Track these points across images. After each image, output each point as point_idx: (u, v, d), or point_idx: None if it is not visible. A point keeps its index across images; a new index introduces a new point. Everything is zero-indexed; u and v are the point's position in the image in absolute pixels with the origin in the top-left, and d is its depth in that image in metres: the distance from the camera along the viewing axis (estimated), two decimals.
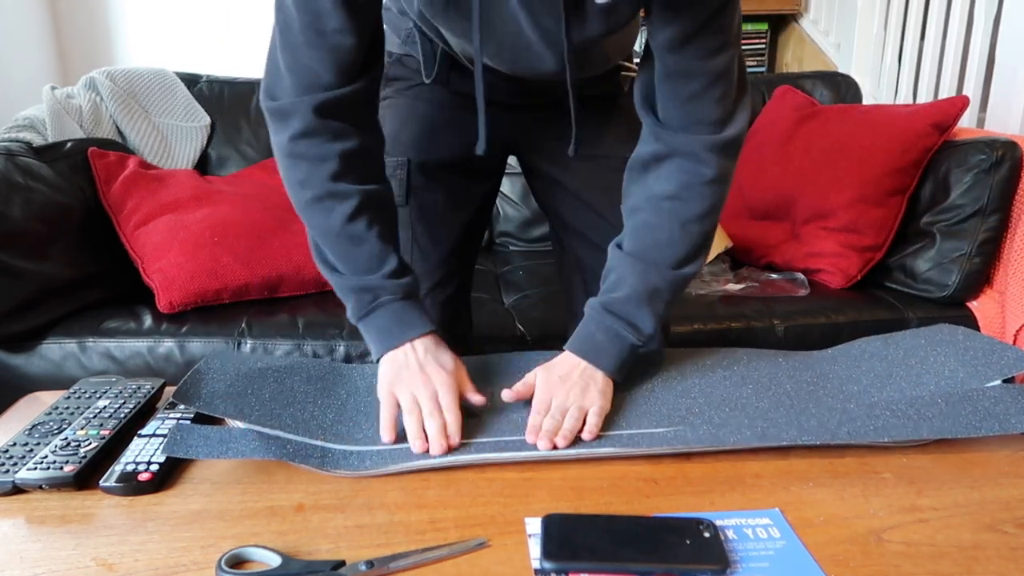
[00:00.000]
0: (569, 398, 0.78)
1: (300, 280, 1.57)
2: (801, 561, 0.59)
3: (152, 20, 2.65)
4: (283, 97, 0.81)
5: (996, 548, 0.61)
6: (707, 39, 0.77)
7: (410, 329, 0.82)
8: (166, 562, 0.59)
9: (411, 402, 0.77)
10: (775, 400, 0.83)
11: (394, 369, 0.81)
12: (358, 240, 0.83)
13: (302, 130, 0.80)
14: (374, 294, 0.83)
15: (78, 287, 1.47)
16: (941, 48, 2.14)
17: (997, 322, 1.51)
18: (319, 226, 0.84)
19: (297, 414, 0.78)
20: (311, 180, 0.82)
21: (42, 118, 1.75)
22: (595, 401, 0.79)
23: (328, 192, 0.82)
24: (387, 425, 0.76)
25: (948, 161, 1.56)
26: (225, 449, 0.70)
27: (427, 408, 0.76)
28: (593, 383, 0.81)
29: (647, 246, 0.86)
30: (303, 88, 0.80)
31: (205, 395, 0.77)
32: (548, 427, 0.75)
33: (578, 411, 0.77)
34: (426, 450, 0.73)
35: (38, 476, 0.68)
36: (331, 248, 0.84)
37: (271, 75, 0.82)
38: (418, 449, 0.73)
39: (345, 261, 0.84)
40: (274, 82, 0.82)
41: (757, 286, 1.64)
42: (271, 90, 0.82)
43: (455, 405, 0.77)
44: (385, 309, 0.83)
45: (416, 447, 0.73)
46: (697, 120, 0.82)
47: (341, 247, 0.84)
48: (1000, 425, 0.75)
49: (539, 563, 0.58)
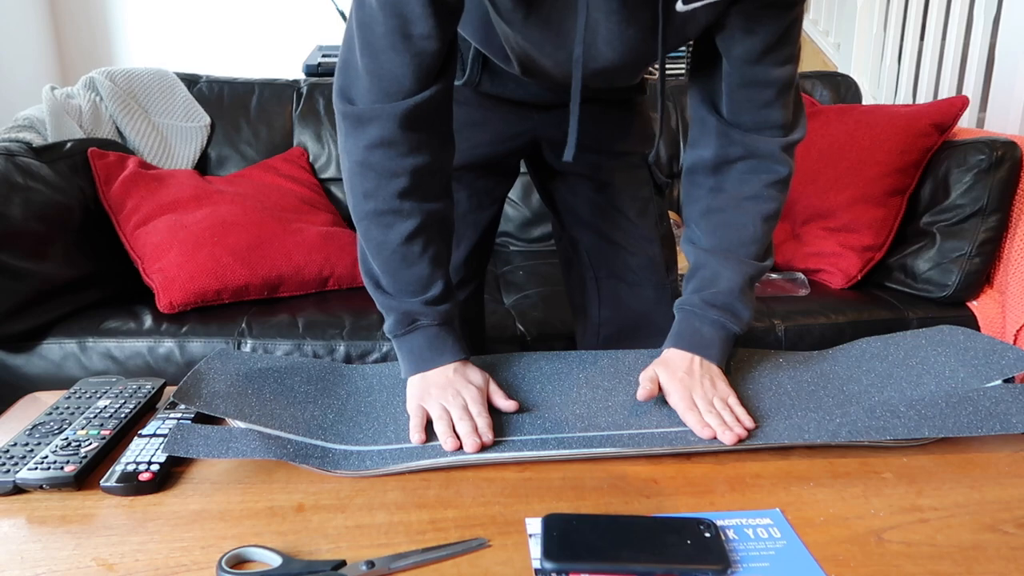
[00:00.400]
0: (707, 391, 0.81)
1: (300, 280, 1.57)
2: (801, 561, 0.59)
3: (152, 20, 2.65)
4: (361, 102, 0.79)
5: (996, 548, 0.61)
6: (782, 49, 0.82)
7: (442, 356, 0.84)
8: (166, 562, 0.59)
9: (440, 410, 0.78)
10: (776, 401, 0.83)
11: (423, 385, 0.82)
12: (410, 261, 0.83)
13: (379, 139, 0.79)
14: (412, 318, 0.84)
15: (78, 287, 1.47)
16: (941, 48, 2.14)
17: (997, 322, 1.51)
18: (375, 239, 0.83)
19: (298, 414, 0.78)
20: (377, 193, 0.81)
21: (42, 118, 1.75)
22: (728, 392, 0.83)
23: (392, 209, 0.81)
24: (417, 427, 0.76)
25: (948, 161, 1.56)
26: (226, 449, 0.70)
27: (457, 414, 0.77)
28: (715, 375, 0.85)
29: (734, 243, 0.90)
30: (384, 94, 0.77)
31: (205, 395, 0.77)
32: (716, 422, 0.76)
33: (722, 403, 0.80)
34: (458, 448, 0.73)
35: (38, 476, 0.68)
36: (382, 263, 0.84)
37: (347, 76, 0.79)
38: (450, 447, 0.73)
39: (393, 278, 0.84)
40: (351, 84, 0.79)
41: (757, 286, 1.63)
42: (347, 92, 0.80)
43: (485, 410, 0.78)
44: (420, 334, 0.84)
45: (448, 445, 0.73)
46: (772, 124, 0.87)
47: (392, 265, 0.83)
48: (1001, 424, 0.75)
49: (539, 563, 0.58)
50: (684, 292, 0.92)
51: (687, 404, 0.80)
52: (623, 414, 0.80)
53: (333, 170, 2.01)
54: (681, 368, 0.84)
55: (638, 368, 0.87)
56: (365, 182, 0.81)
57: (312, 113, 2.01)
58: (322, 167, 2.00)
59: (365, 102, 0.78)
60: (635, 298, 1.12)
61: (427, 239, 0.83)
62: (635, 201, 1.09)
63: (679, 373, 0.83)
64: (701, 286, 0.90)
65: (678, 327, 0.89)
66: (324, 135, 2.01)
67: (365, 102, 0.78)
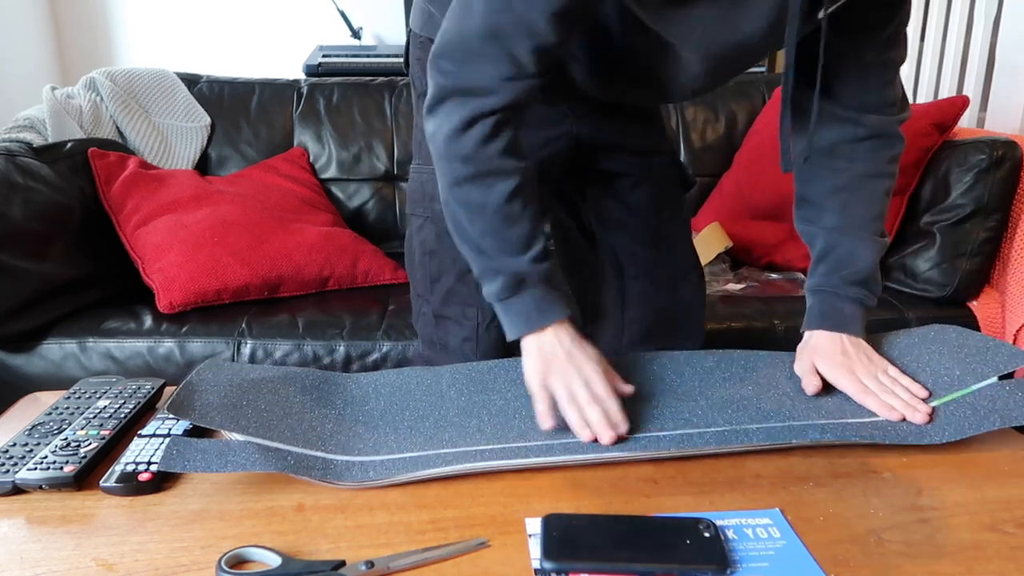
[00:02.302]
0: (868, 367, 0.84)
1: (300, 280, 1.57)
2: (801, 561, 0.59)
3: (152, 20, 2.65)
4: (481, 79, 0.79)
5: (996, 548, 0.61)
6: (901, 30, 0.87)
7: (550, 314, 0.83)
8: (166, 562, 0.59)
9: (567, 395, 0.77)
10: (776, 401, 0.83)
11: (543, 360, 0.81)
12: (513, 219, 0.83)
13: (489, 109, 0.79)
14: (519, 278, 0.83)
15: (78, 287, 1.47)
16: (941, 48, 2.14)
17: (997, 322, 1.51)
18: (475, 202, 0.83)
19: (295, 425, 0.77)
20: (478, 156, 0.81)
21: (42, 118, 1.75)
22: (884, 362, 0.86)
23: (492, 168, 0.81)
24: (546, 414, 0.77)
25: (948, 161, 1.56)
26: (224, 463, 0.69)
27: (584, 397, 0.77)
28: (866, 349, 0.87)
29: (862, 221, 0.91)
30: (506, 75, 0.78)
31: (200, 407, 0.76)
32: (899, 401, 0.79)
33: (887, 376, 0.83)
34: (593, 439, 0.74)
35: (38, 476, 0.68)
36: (484, 225, 0.83)
37: (465, 49, 0.79)
38: (586, 438, 0.74)
39: (496, 239, 0.83)
40: (470, 58, 0.79)
41: (757, 286, 1.64)
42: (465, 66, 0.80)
43: (612, 394, 0.78)
44: (528, 293, 0.83)
45: (584, 436, 0.74)
46: (891, 102, 0.90)
47: (496, 225, 0.83)
48: (1002, 419, 0.75)
49: (539, 563, 0.58)
50: (813, 274, 0.93)
51: (859, 387, 0.82)
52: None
53: (333, 170, 2.01)
54: (836, 351, 0.86)
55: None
56: (463, 147, 0.81)
57: (312, 113, 2.01)
58: (322, 167, 2.00)
59: (485, 80, 0.79)
60: (664, 298, 1.12)
61: (526, 197, 0.83)
62: (667, 201, 1.09)
63: (836, 357, 0.85)
64: (837, 266, 0.91)
65: (819, 309, 0.91)
66: (324, 135, 2.01)
67: (485, 80, 0.79)
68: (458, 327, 1.07)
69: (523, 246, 0.83)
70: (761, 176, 1.86)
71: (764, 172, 1.85)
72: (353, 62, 2.33)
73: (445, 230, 0.90)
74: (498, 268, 0.84)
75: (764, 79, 2.13)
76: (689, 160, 2.05)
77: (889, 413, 0.79)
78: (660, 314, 1.12)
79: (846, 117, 0.90)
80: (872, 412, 0.80)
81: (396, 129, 2.01)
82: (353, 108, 2.02)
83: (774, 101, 2.01)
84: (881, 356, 0.87)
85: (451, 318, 1.07)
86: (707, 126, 2.06)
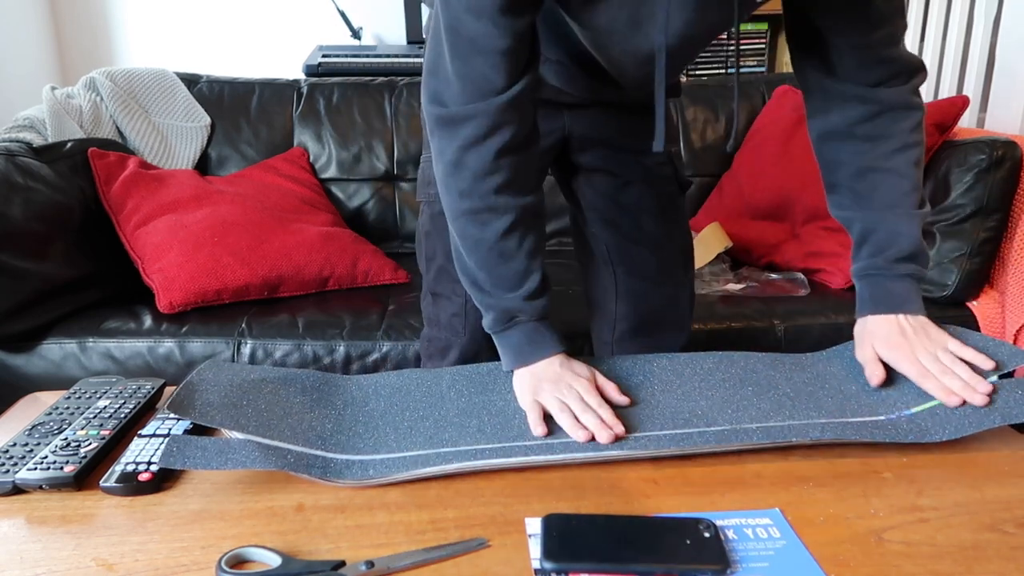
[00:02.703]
0: (928, 347, 0.82)
1: (300, 280, 1.57)
2: (801, 561, 0.59)
3: (152, 20, 2.65)
4: (453, 104, 0.80)
5: (996, 548, 0.61)
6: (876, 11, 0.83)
7: (541, 350, 0.84)
8: (166, 562, 0.59)
9: (559, 404, 0.78)
10: (776, 402, 0.83)
11: (533, 380, 0.82)
12: (506, 257, 0.84)
13: (473, 139, 0.79)
14: (511, 315, 0.85)
15: (78, 287, 1.47)
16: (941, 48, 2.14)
17: (997, 322, 1.51)
18: (471, 237, 0.84)
19: (295, 424, 0.77)
20: (473, 192, 0.82)
21: (42, 118, 1.75)
22: (945, 337, 0.84)
23: (488, 206, 0.82)
24: (538, 422, 0.77)
25: (948, 161, 1.56)
26: (224, 460, 0.69)
27: (578, 407, 0.77)
28: (925, 325, 0.85)
29: (898, 196, 0.89)
30: (477, 94, 0.78)
31: (200, 406, 0.76)
32: (957, 382, 0.78)
33: (948, 355, 0.81)
34: (591, 439, 0.74)
35: (38, 476, 0.68)
36: (478, 260, 0.85)
37: (438, 80, 0.80)
38: (582, 438, 0.74)
39: (490, 275, 0.85)
40: (442, 88, 0.80)
41: (757, 286, 1.64)
42: (439, 96, 0.80)
43: (603, 401, 0.78)
44: (519, 329, 0.85)
45: (580, 436, 0.74)
46: (897, 72, 0.87)
47: (490, 262, 0.84)
48: (1002, 416, 0.75)
49: (539, 563, 0.58)
50: (857, 259, 0.92)
51: (920, 370, 0.81)
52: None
53: (333, 170, 2.01)
54: (894, 333, 0.85)
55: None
56: (460, 182, 0.82)
57: (312, 113, 2.01)
58: (322, 167, 2.00)
59: (458, 103, 0.79)
60: (654, 295, 1.13)
61: (522, 233, 0.84)
62: (659, 199, 1.09)
63: (894, 339, 0.84)
64: (880, 248, 0.89)
65: (869, 293, 0.90)
66: (324, 135, 2.01)
67: (458, 103, 0.79)
68: (448, 303, 1.10)
69: (516, 283, 0.85)
70: (761, 176, 1.86)
71: (764, 172, 1.85)
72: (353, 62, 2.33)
73: (439, 212, 0.91)
74: (491, 303, 0.86)
75: (764, 79, 2.13)
76: (689, 160, 2.05)
77: (948, 398, 0.78)
78: (648, 310, 1.14)
79: (855, 95, 0.88)
80: (872, 412, 0.80)
81: (396, 129, 2.01)
82: (353, 108, 2.02)
83: (774, 101, 2.01)
84: (943, 331, 0.85)
85: (443, 295, 1.11)
86: (707, 126, 2.06)
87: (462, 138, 0.80)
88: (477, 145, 0.80)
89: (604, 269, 1.14)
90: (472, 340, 1.11)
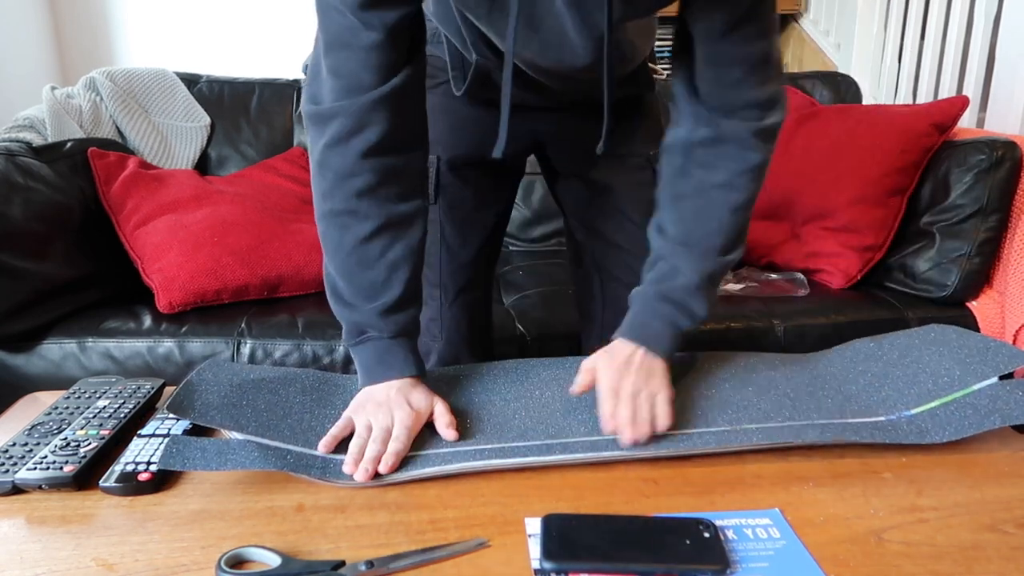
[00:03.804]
0: (637, 384, 0.79)
1: (300, 280, 1.57)
2: (801, 561, 0.59)
3: (152, 20, 2.65)
4: (324, 102, 0.78)
5: (996, 548, 0.61)
6: (749, 24, 0.78)
7: (389, 370, 0.80)
8: (166, 562, 0.59)
9: (364, 427, 0.75)
10: (776, 402, 0.83)
11: (363, 400, 0.79)
12: (365, 265, 0.81)
13: (337, 137, 0.77)
14: (361, 329, 0.82)
15: (78, 287, 1.47)
16: (941, 48, 2.14)
17: (997, 322, 1.51)
18: (332, 240, 0.81)
19: (295, 424, 0.77)
20: (334, 193, 0.79)
21: (42, 118, 1.75)
22: (661, 388, 0.79)
23: (348, 209, 0.79)
24: (332, 438, 0.74)
25: (948, 161, 1.56)
26: (224, 461, 0.69)
27: (375, 435, 0.73)
28: (655, 369, 0.81)
29: (698, 234, 0.86)
30: (345, 91, 0.77)
31: (199, 406, 0.76)
32: (624, 415, 0.75)
33: (648, 398, 0.77)
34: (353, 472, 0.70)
35: (38, 476, 0.68)
36: (338, 266, 0.82)
37: (314, 79, 0.79)
38: (347, 471, 0.70)
39: (347, 282, 0.82)
40: (317, 86, 0.78)
41: (757, 286, 1.64)
42: (314, 95, 0.79)
43: (405, 437, 0.74)
44: (369, 346, 0.81)
45: (347, 468, 0.70)
46: (743, 105, 0.83)
47: (348, 267, 0.81)
48: (1002, 418, 0.75)
49: (539, 563, 0.58)
50: (642, 280, 0.89)
51: (607, 394, 0.78)
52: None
53: None
54: (621, 357, 0.81)
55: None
56: (323, 182, 0.80)
57: None
58: None
59: (328, 101, 0.78)
60: None
61: (387, 243, 0.80)
62: (639, 204, 1.07)
63: (617, 362, 0.81)
64: (659, 278, 0.87)
65: (630, 317, 0.86)
66: None
67: (328, 101, 0.78)
68: (426, 308, 1.07)
69: (371, 295, 0.81)
70: None
71: None
72: None
73: None
74: (345, 314, 0.82)
75: None
76: None
77: (606, 423, 0.76)
78: None
79: (706, 117, 0.84)
80: (872, 413, 0.80)
81: None
82: None
83: None
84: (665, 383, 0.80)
85: None
86: None
87: (327, 136, 0.77)
88: (340, 144, 0.77)
89: (591, 276, 1.13)
90: (449, 344, 1.09)
